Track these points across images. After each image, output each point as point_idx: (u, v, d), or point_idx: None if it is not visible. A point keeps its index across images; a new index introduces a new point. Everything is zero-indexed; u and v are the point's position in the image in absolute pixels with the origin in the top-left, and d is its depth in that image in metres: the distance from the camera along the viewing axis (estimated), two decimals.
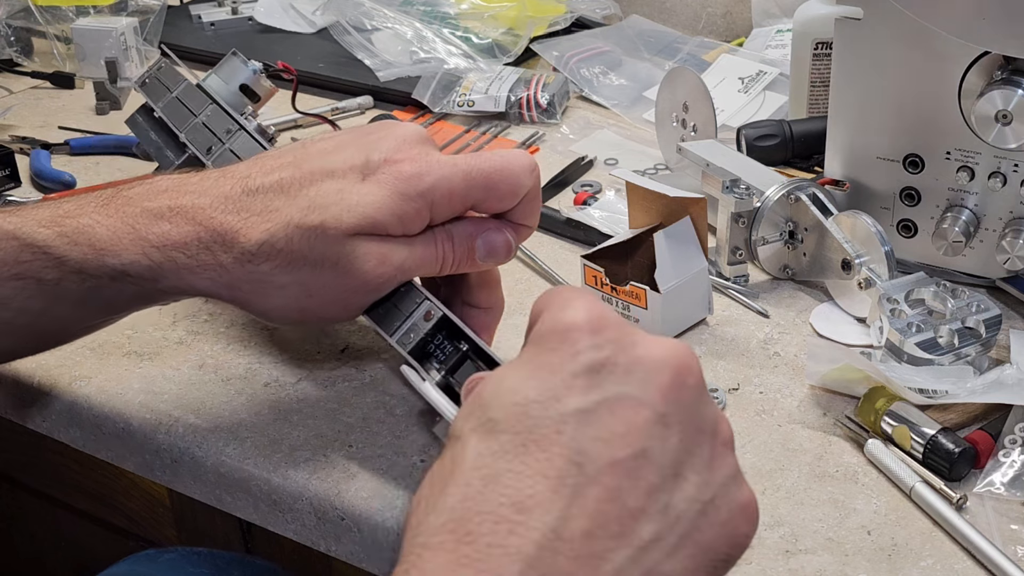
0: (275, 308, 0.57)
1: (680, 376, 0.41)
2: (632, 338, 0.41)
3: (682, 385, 0.40)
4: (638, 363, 0.40)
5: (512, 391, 0.40)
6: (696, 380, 0.41)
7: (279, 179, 0.57)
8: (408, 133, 0.59)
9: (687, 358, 0.41)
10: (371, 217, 0.55)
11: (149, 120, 0.80)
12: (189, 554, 0.72)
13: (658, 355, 0.41)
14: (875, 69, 0.75)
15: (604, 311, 0.42)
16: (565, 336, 0.41)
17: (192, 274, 0.56)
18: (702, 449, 0.40)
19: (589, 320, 0.41)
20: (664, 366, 0.40)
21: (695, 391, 0.41)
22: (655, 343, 0.41)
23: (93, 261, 0.57)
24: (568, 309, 0.42)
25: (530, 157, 0.59)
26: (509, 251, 0.60)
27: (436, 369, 0.57)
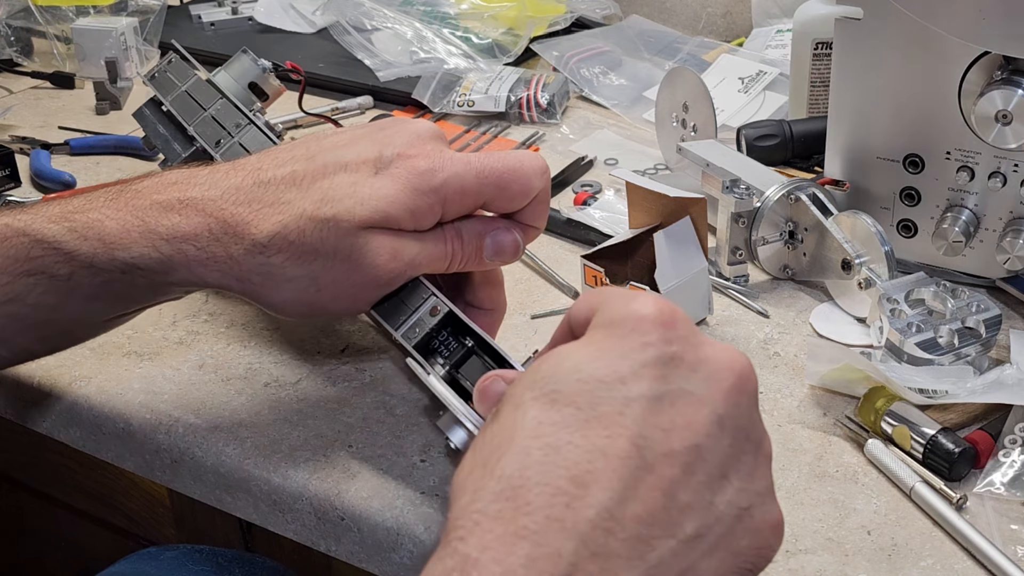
0: (285, 301, 0.57)
1: (741, 382, 0.41)
2: (699, 338, 0.42)
3: (742, 391, 0.41)
4: (704, 363, 0.41)
5: (577, 368, 0.41)
6: (753, 389, 0.42)
7: (291, 172, 0.57)
8: (421, 129, 0.59)
9: (748, 367, 0.42)
10: (384, 211, 0.55)
11: (157, 113, 0.80)
12: (191, 552, 0.72)
13: (723, 359, 0.41)
14: (875, 69, 0.75)
15: (674, 308, 0.42)
16: (637, 325, 0.41)
17: (202, 266, 0.56)
18: (747, 457, 0.41)
19: (660, 314, 0.42)
20: (728, 370, 0.41)
21: (751, 400, 0.42)
22: (721, 347, 0.42)
23: (103, 255, 0.57)
24: (638, 301, 0.42)
25: (542, 159, 0.60)
26: (517, 251, 0.61)
27: (441, 364, 0.57)
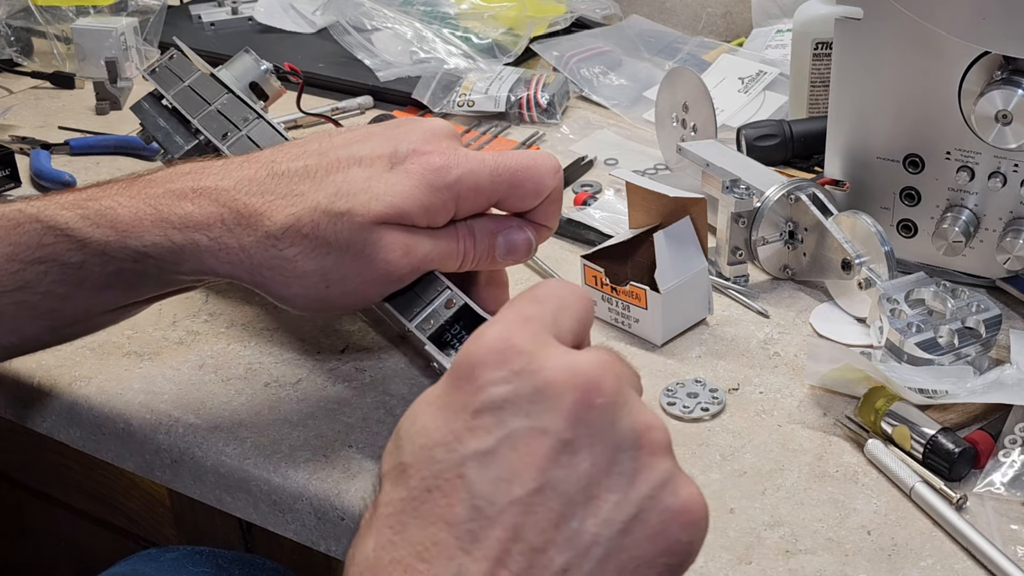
0: (295, 295, 0.57)
1: (587, 396, 0.38)
2: (539, 363, 0.39)
3: (589, 406, 0.38)
4: (542, 391, 0.38)
5: (422, 432, 0.39)
6: (607, 398, 0.39)
7: (305, 165, 0.57)
8: (436, 127, 0.59)
9: (596, 375, 0.39)
10: (398, 206, 0.55)
11: (156, 107, 0.80)
12: (191, 553, 0.72)
13: (562, 378, 0.39)
14: (875, 69, 0.75)
15: (511, 335, 0.40)
16: (470, 372, 0.39)
17: (213, 256, 0.56)
18: (620, 466, 0.39)
19: (493, 351, 0.39)
20: (568, 388, 0.38)
21: (606, 409, 0.39)
22: (562, 364, 0.39)
23: (115, 243, 0.56)
24: (477, 339, 0.40)
25: (555, 159, 0.60)
26: (529, 250, 0.61)
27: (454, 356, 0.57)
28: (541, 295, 0.43)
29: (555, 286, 0.44)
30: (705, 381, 0.69)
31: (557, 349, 0.40)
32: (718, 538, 0.57)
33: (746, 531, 0.57)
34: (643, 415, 0.40)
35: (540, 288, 0.43)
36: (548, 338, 0.41)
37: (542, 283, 0.44)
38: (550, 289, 0.43)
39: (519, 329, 0.40)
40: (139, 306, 0.63)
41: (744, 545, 0.57)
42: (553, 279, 0.44)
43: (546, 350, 0.40)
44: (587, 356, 0.40)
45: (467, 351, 0.40)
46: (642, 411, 0.40)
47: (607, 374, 0.39)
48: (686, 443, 0.64)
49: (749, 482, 0.61)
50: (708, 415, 0.66)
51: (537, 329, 0.41)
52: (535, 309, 0.42)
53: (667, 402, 0.67)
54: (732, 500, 0.59)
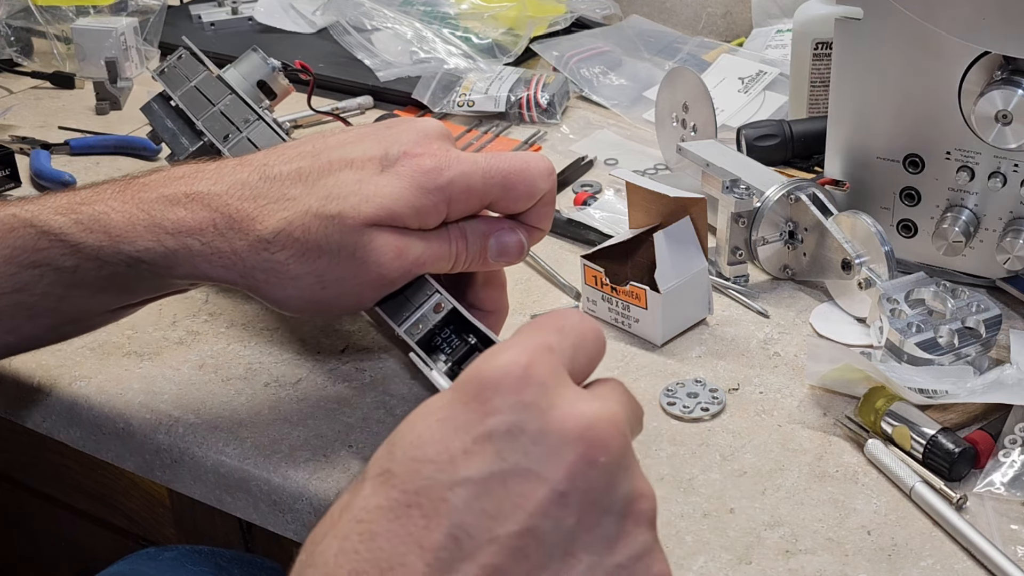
0: (289, 298, 0.57)
1: (591, 453, 0.37)
2: (552, 400, 0.38)
3: (591, 463, 0.37)
4: (547, 434, 0.37)
5: (416, 443, 0.38)
6: (611, 457, 0.38)
7: (298, 168, 0.57)
8: (428, 128, 0.59)
9: (606, 432, 0.38)
10: (389, 208, 0.55)
11: (165, 108, 0.80)
12: (190, 552, 0.72)
13: (572, 427, 0.37)
14: (875, 69, 0.75)
15: (531, 363, 0.38)
16: (480, 391, 0.38)
17: (206, 261, 0.56)
18: (604, 529, 0.38)
19: (509, 375, 0.38)
20: (576, 440, 0.37)
21: (607, 469, 0.38)
22: (575, 411, 0.38)
23: (108, 248, 0.57)
24: (494, 358, 0.39)
25: (548, 161, 0.60)
26: (521, 252, 0.61)
27: (443, 361, 0.57)
28: (565, 326, 0.42)
29: (578, 320, 0.43)
30: (705, 381, 0.69)
31: (572, 391, 0.39)
32: (718, 538, 0.57)
33: (746, 531, 0.57)
34: (638, 482, 0.39)
35: (564, 318, 0.42)
36: (565, 375, 0.39)
37: (565, 313, 0.43)
38: (572, 321, 0.42)
39: (540, 358, 0.39)
40: (137, 306, 0.63)
41: (744, 545, 0.57)
42: (574, 311, 0.43)
43: (562, 390, 0.39)
44: (601, 408, 0.38)
45: (481, 369, 0.39)
46: (638, 478, 0.39)
47: (616, 434, 0.38)
48: (686, 443, 0.64)
49: (749, 482, 0.61)
50: (708, 415, 0.66)
51: (557, 363, 0.39)
52: (557, 339, 0.41)
53: (667, 402, 0.67)
54: (732, 500, 0.60)
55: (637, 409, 0.42)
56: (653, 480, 0.61)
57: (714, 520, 0.58)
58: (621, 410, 0.39)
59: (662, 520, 0.58)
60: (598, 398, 0.39)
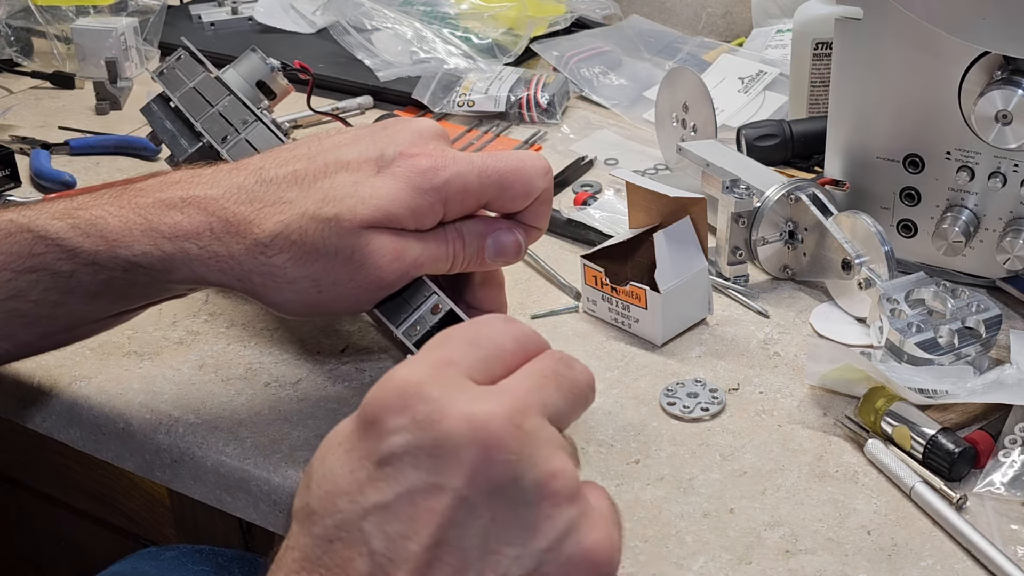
0: (286, 301, 0.57)
1: (488, 453, 0.38)
2: (443, 411, 0.38)
3: (490, 462, 0.38)
4: (442, 444, 0.38)
5: (328, 476, 0.39)
6: (508, 452, 0.38)
7: (293, 170, 0.57)
8: (424, 128, 0.59)
9: (499, 430, 0.38)
10: (385, 209, 0.55)
11: (164, 109, 0.80)
12: (191, 551, 0.72)
13: (463, 432, 0.38)
14: (875, 69, 0.75)
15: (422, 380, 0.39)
16: (374, 418, 0.39)
17: (203, 265, 0.56)
18: (521, 520, 0.38)
19: (399, 396, 0.39)
20: (470, 444, 0.38)
21: (507, 464, 0.38)
22: (465, 415, 0.38)
23: (105, 253, 0.57)
24: (386, 381, 0.40)
25: (544, 160, 0.60)
26: (518, 252, 0.61)
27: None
28: (479, 338, 0.42)
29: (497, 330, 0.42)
30: (705, 381, 0.69)
31: (465, 396, 0.39)
32: (718, 538, 0.57)
33: (746, 531, 0.57)
34: (548, 464, 0.39)
35: (480, 328, 0.42)
36: (462, 383, 0.40)
37: (483, 322, 0.43)
38: (488, 332, 0.42)
39: (433, 373, 0.39)
40: (131, 313, 0.63)
41: (744, 545, 0.57)
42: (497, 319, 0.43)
43: (455, 396, 0.39)
44: (493, 407, 0.39)
45: (374, 393, 0.39)
46: (548, 460, 0.39)
47: (510, 428, 0.38)
48: (686, 443, 0.64)
49: (749, 482, 0.61)
50: (708, 415, 0.66)
51: (454, 375, 0.40)
52: (462, 352, 0.41)
53: (667, 402, 0.67)
54: (732, 500, 0.60)
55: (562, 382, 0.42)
56: (653, 480, 0.61)
57: (714, 520, 0.58)
58: (522, 398, 0.40)
59: (662, 520, 0.58)
60: (493, 395, 0.39)
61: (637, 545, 0.57)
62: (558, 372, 0.42)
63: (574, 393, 0.43)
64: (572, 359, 0.44)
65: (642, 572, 0.55)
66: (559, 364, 0.43)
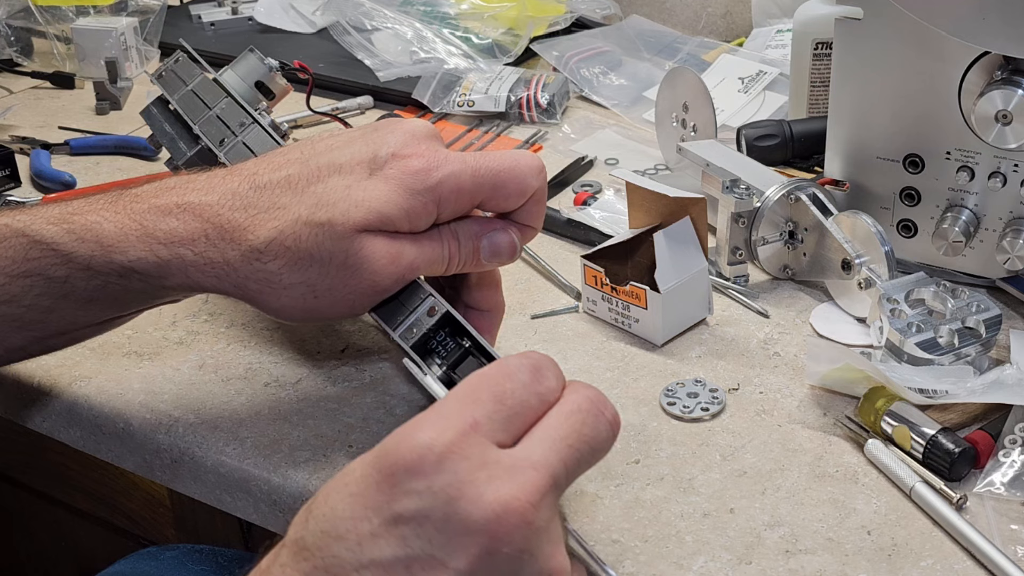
0: (283, 307, 0.57)
1: (494, 545, 0.38)
2: (462, 488, 0.38)
3: (494, 554, 0.38)
4: (453, 523, 0.38)
5: (329, 517, 0.39)
6: (515, 548, 0.38)
7: (287, 175, 0.57)
8: (416, 128, 0.59)
9: (511, 523, 0.38)
10: (378, 211, 0.55)
11: (164, 112, 0.80)
12: (191, 551, 0.72)
13: (477, 518, 0.38)
14: (875, 69, 0.75)
15: (452, 447, 0.39)
16: (393, 472, 0.39)
17: (199, 271, 0.56)
18: None
19: (425, 460, 0.39)
20: (480, 532, 0.38)
21: (510, 558, 0.38)
22: (483, 500, 0.38)
23: (100, 258, 0.57)
24: (419, 433, 0.39)
25: (538, 159, 0.59)
26: (514, 252, 0.60)
27: (438, 365, 0.57)
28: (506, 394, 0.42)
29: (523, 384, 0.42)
30: (705, 381, 0.69)
31: (486, 473, 0.39)
32: (718, 538, 0.57)
33: (746, 531, 0.57)
34: (549, 562, 0.39)
35: (507, 381, 0.42)
36: (484, 456, 0.40)
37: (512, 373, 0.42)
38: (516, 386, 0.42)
39: (460, 441, 0.39)
40: (124, 318, 0.63)
41: (744, 545, 0.57)
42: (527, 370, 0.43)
43: (476, 473, 0.39)
44: (512, 494, 0.39)
45: (399, 446, 0.39)
46: (550, 557, 0.39)
47: (521, 525, 0.39)
48: (686, 443, 0.64)
49: (749, 482, 0.61)
50: (708, 415, 0.66)
51: (479, 443, 0.40)
52: (489, 411, 0.41)
53: (667, 402, 0.67)
54: (732, 500, 0.60)
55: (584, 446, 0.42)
56: (653, 480, 0.61)
57: (714, 520, 0.58)
58: (540, 481, 0.39)
59: (662, 520, 0.58)
60: (512, 477, 0.39)
61: (637, 545, 0.57)
62: (582, 433, 0.42)
63: (594, 451, 0.43)
64: (602, 405, 0.43)
65: (642, 572, 0.55)
66: (586, 422, 0.43)
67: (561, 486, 0.41)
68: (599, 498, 0.60)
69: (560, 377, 0.45)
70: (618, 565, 0.55)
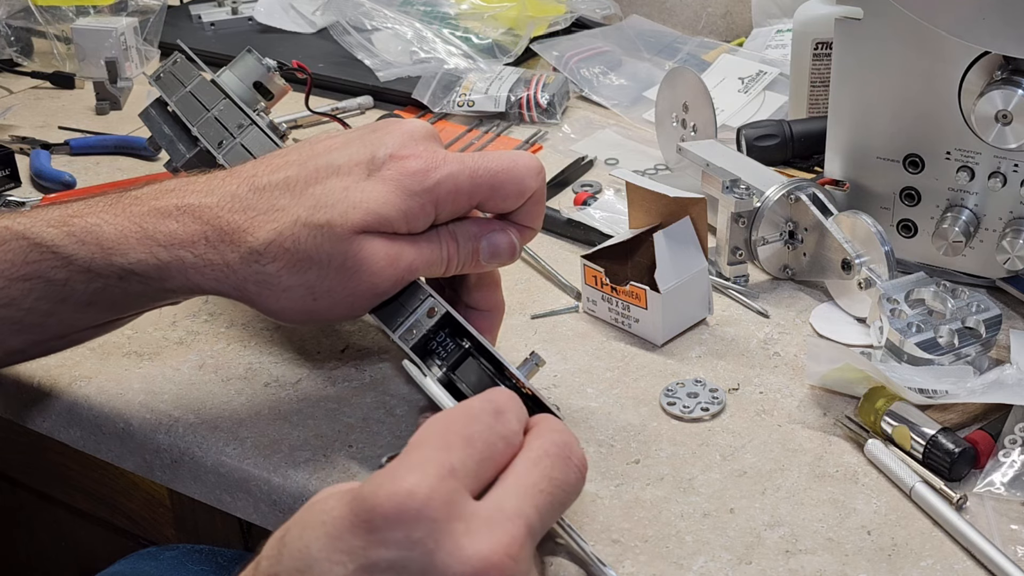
0: (282, 309, 0.57)
1: None
2: (440, 540, 0.38)
3: None
4: (431, 575, 0.38)
5: (302, 555, 0.38)
6: None
7: (285, 177, 0.57)
8: (415, 129, 0.58)
9: (496, 571, 0.38)
10: (376, 212, 0.55)
11: (163, 114, 0.80)
12: (191, 551, 0.72)
13: (457, 571, 0.38)
14: (875, 69, 0.75)
15: (432, 495, 0.39)
16: (372, 518, 0.38)
17: (199, 273, 0.56)
18: None
19: (405, 509, 0.38)
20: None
21: None
22: (461, 555, 0.38)
23: (100, 260, 0.57)
24: (399, 481, 0.39)
25: (537, 159, 0.59)
26: (513, 253, 0.60)
27: (438, 366, 0.57)
28: (475, 436, 0.42)
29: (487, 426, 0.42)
30: (705, 381, 0.69)
31: (464, 526, 0.39)
32: (718, 538, 0.57)
33: (746, 531, 0.57)
34: None
35: (472, 425, 0.42)
36: (464, 502, 0.39)
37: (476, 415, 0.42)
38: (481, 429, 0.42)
39: (440, 488, 0.39)
40: (123, 320, 0.63)
41: (744, 545, 0.57)
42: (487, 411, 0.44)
43: (454, 524, 0.39)
44: (487, 547, 0.38)
45: (378, 494, 0.38)
46: None
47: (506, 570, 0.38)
48: (686, 443, 0.64)
49: (749, 482, 0.61)
50: (708, 415, 0.66)
51: (456, 490, 0.40)
52: (462, 457, 0.41)
53: (667, 402, 0.67)
54: (732, 500, 0.60)
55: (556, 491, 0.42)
56: (653, 480, 0.61)
57: (714, 520, 0.58)
58: (514, 533, 0.39)
59: (662, 520, 0.58)
60: (488, 530, 0.39)
61: (637, 545, 0.57)
62: (552, 479, 0.42)
63: (566, 495, 0.43)
64: (568, 449, 0.43)
65: (642, 572, 0.55)
66: (555, 466, 0.43)
67: (536, 535, 0.41)
68: (599, 498, 0.60)
69: (523, 418, 0.45)
70: (618, 565, 0.55)
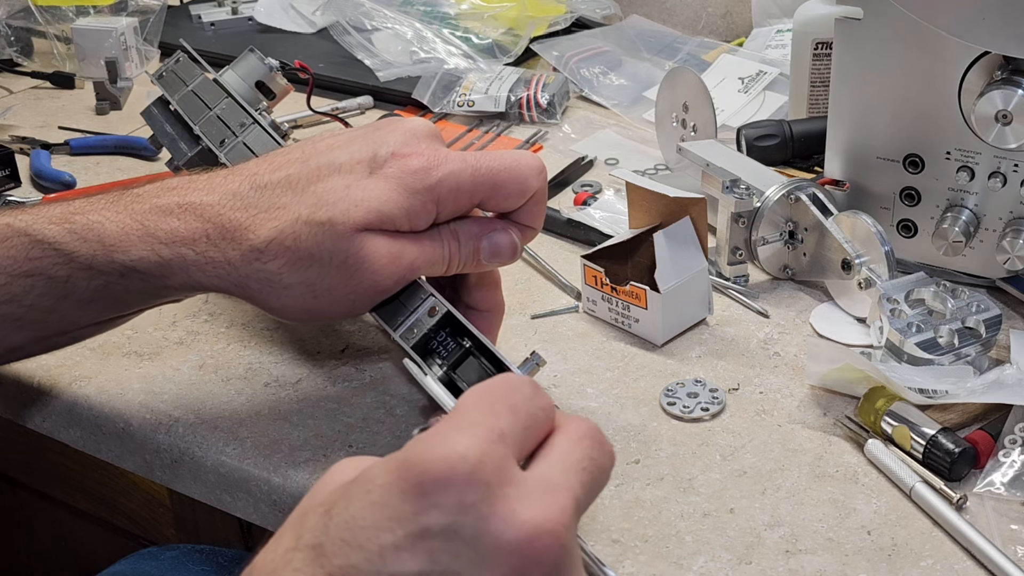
0: (284, 307, 0.57)
1: (525, 565, 0.37)
2: (493, 504, 0.37)
3: (525, 573, 0.37)
4: (483, 540, 0.37)
5: (349, 524, 0.37)
6: (544, 570, 0.37)
7: (287, 175, 0.57)
8: (416, 127, 0.58)
9: (542, 546, 0.37)
10: (378, 211, 0.55)
11: (164, 112, 0.80)
12: (191, 551, 0.72)
13: (509, 539, 0.37)
14: (875, 69, 0.75)
15: (483, 459, 0.38)
16: (422, 482, 0.37)
17: (200, 271, 0.56)
18: None
19: (456, 472, 0.37)
20: (510, 553, 0.37)
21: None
22: (514, 520, 0.37)
23: (102, 258, 0.57)
24: (448, 444, 0.38)
25: (538, 159, 0.59)
26: (514, 252, 0.60)
27: (439, 365, 0.57)
28: (519, 404, 0.41)
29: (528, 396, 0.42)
30: (705, 381, 0.69)
31: (516, 491, 0.38)
32: (718, 538, 0.57)
33: (746, 531, 0.57)
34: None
35: (517, 393, 0.41)
36: (513, 468, 0.39)
37: (518, 385, 0.42)
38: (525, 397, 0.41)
39: (490, 452, 0.38)
40: (124, 318, 0.63)
41: (744, 545, 0.57)
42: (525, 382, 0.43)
43: (506, 489, 0.38)
44: (542, 517, 0.38)
45: (428, 457, 0.37)
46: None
47: (554, 547, 0.38)
48: (686, 443, 0.64)
49: (749, 482, 0.61)
50: (708, 415, 0.66)
51: (506, 456, 0.39)
52: (509, 423, 0.40)
53: (667, 402, 0.67)
54: (732, 500, 0.60)
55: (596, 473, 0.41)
56: (653, 480, 0.61)
57: (714, 520, 0.58)
58: (565, 503, 0.39)
59: (662, 520, 0.58)
60: (541, 497, 0.38)
61: (637, 545, 0.57)
62: (593, 459, 0.42)
63: (603, 479, 0.42)
64: (603, 436, 0.43)
65: (642, 572, 0.55)
66: (595, 448, 0.42)
67: (581, 510, 0.41)
68: (599, 498, 0.59)
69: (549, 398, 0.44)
70: (618, 565, 0.55)
